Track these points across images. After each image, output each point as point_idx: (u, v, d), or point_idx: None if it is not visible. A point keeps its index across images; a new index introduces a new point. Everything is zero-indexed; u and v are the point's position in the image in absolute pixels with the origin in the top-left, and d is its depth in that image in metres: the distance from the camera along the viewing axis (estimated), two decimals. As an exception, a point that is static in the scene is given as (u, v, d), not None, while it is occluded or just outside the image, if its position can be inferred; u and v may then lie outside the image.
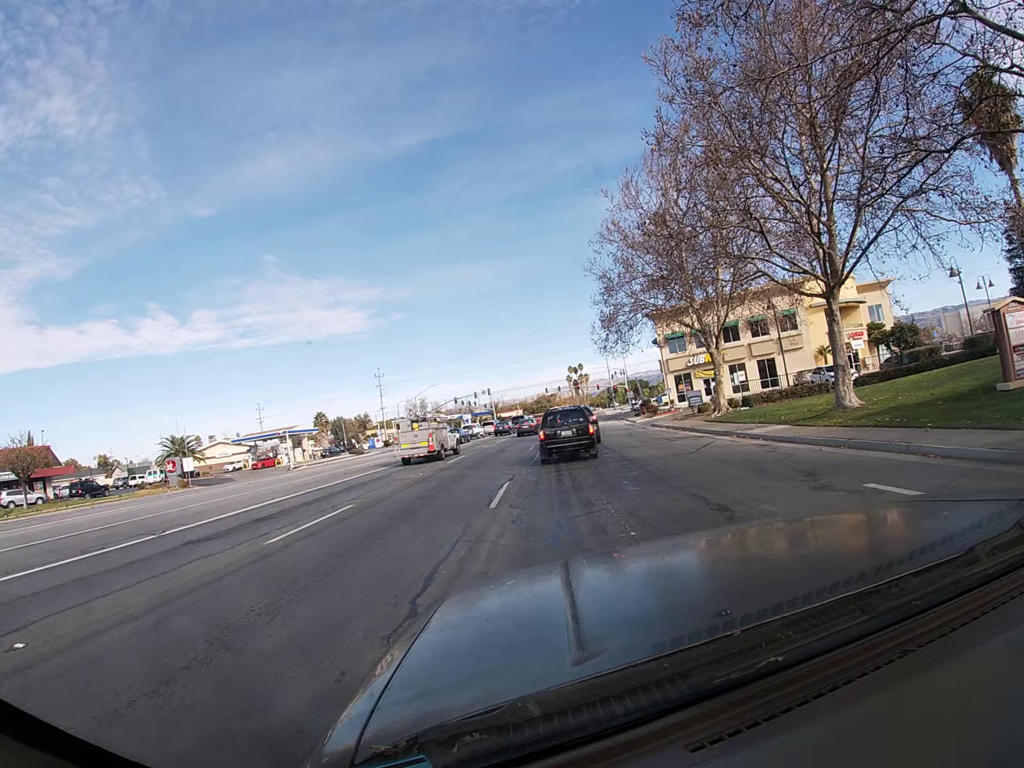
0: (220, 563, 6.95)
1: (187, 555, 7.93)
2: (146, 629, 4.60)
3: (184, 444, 52.82)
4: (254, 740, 2.48)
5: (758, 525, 2.88)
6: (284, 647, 3.68)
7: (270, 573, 6.18)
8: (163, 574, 6.71)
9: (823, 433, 11.88)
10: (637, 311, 28.68)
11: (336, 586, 5.19)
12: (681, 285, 25.67)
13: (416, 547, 6.33)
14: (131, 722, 2.82)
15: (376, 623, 3.83)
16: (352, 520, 9.44)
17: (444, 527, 7.26)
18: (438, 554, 5.69)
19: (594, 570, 1.71)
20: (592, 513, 6.95)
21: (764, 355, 41.16)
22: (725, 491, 7.07)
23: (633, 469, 11.16)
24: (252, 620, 4.36)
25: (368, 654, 3.20)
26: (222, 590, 5.63)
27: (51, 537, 14.70)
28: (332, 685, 2.90)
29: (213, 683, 3.22)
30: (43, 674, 3.81)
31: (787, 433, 13.26)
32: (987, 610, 0.89)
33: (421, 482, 14.92)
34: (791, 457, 9.72)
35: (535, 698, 0.72)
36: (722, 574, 1.52)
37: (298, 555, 7.06)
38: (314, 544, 7.65)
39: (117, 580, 6.73)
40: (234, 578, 6.09)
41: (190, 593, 5.62)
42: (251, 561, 6.94)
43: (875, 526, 1.77)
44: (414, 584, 4.67)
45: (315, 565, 6.14)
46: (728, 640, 0.80)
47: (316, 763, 0.78)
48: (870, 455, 8.48)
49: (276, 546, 7.82)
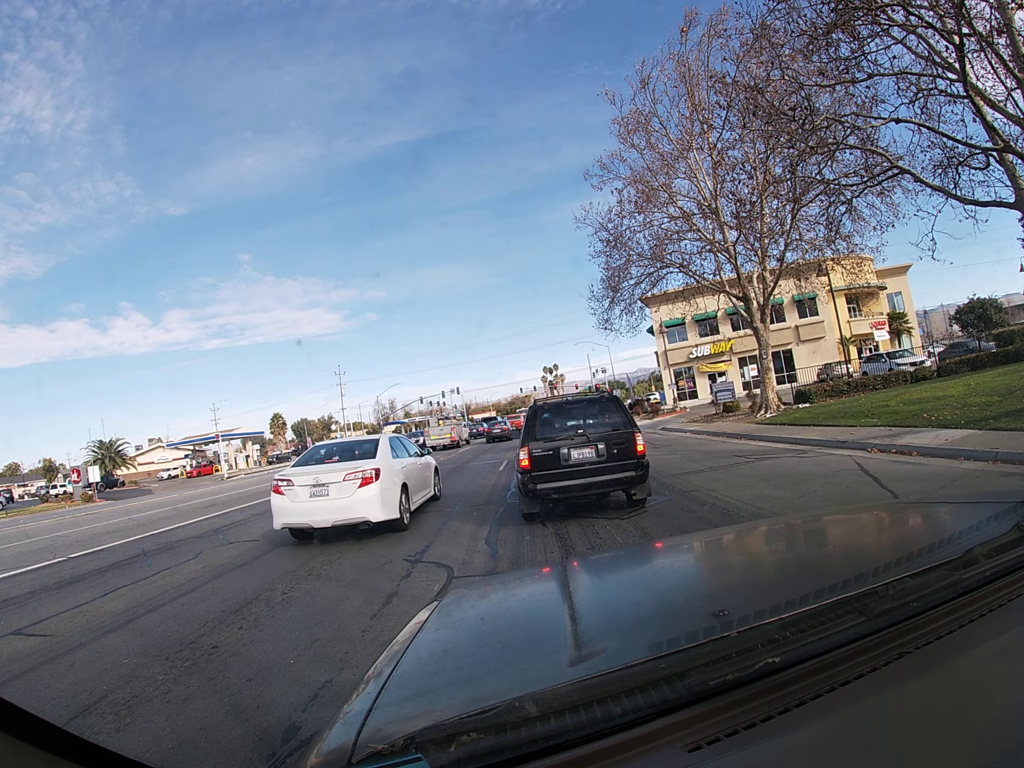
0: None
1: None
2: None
3: (113, 449, 48.30)
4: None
5: (757, 526, 2.87)
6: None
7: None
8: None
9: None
10: (656, 267, 21.67)
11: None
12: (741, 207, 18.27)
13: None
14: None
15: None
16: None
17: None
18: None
19: (592, 570, 1.72)
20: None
21: (780, 345, 33.81)
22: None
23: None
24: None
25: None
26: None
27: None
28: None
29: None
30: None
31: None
32: (985, 612, 0.89)
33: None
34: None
35: (532, 698, 0.72)
36: (720, 575, 1.52)
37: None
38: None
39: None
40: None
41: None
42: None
43: (873, 528, 1.77)
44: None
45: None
46: (725, 641, 0.80)
47: (313, 761, 0.78)
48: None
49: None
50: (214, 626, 4.39)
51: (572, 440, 6.80)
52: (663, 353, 40.84)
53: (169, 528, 11.88)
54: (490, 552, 5.93)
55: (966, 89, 9.68)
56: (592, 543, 5.80)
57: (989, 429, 8.64)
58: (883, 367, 25.91)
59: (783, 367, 35.35)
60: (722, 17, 17.73)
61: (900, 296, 38.52)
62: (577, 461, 6.73)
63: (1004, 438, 7.73)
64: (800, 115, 11.24)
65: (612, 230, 21.70)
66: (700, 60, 19.11)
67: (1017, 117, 10.32)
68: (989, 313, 32.87)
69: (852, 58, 10.74)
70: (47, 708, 3.21)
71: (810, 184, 14.41)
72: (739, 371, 38.34)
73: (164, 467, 62.61)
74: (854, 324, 36.37)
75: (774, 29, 11.74)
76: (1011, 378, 14.29)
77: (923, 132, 11.72)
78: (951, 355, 26.46)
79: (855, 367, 30.09)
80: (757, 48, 12.75)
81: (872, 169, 12.46)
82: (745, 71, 14.60)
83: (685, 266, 21.87)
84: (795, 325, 37.07)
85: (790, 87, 11.58)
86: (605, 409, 7.29)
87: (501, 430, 35.19)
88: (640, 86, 20.08)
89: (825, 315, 34.94)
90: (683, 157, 20.61)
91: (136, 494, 37.75)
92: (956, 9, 9.06)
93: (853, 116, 11.96)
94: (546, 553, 5.59)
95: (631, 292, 22.62)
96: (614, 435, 6.81)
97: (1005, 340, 24.42)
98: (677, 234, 21.46)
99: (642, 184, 20.75)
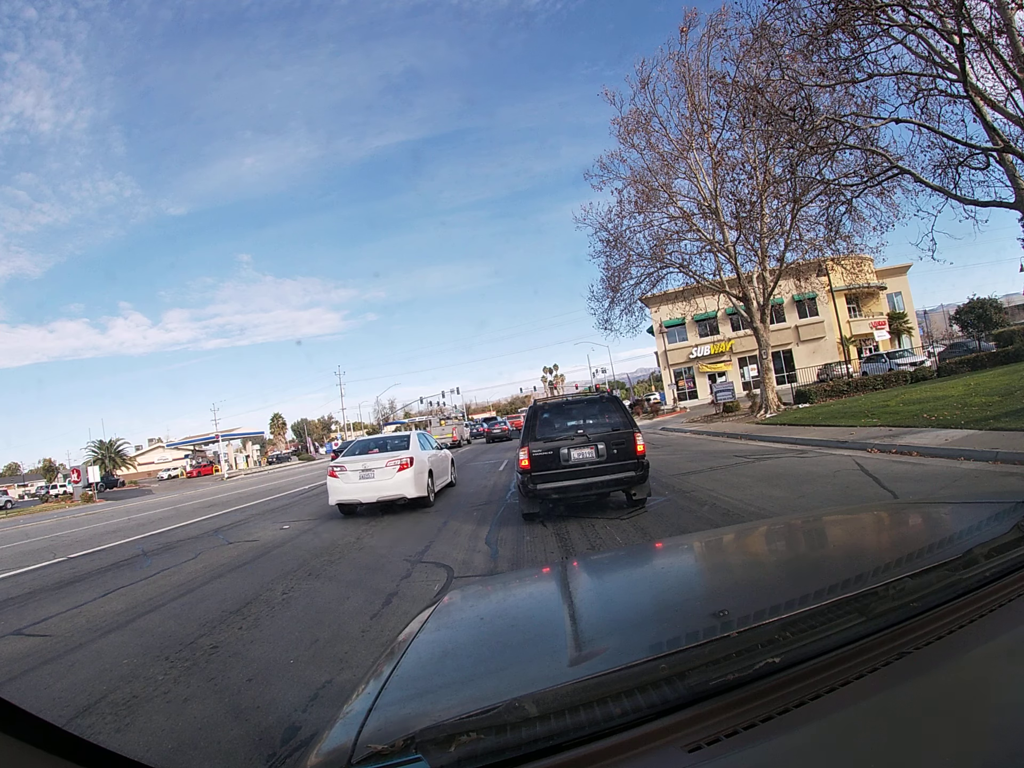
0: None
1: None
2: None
3: (113, 449, 48.29)
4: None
5: (757, 526, 2.87)
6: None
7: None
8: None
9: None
10: (656, 267, 21.70)
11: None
12: (740, 207, 18.43)
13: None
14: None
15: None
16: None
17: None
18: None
19: (592, 570, 1.72)
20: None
21: (780, 345, 33.87)
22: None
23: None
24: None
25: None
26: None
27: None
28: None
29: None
30: None
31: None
32: (985, 612, 0.89)
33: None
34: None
35: (532, 698, 0.72)
36: (720, 575, 1.51)
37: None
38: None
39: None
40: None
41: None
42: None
43: (873, 528, 1.77)
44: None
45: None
46: (725, 641, 0.80)
47: (313, 761, 0.78)
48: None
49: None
50: (214, 626, 4.39)
51: (572, 440, 6.80)
52: (663, 353, 40.81)
53: (169, 528, 11.85)
54: (490, 552, 5.92)
55: (966, 89, 9.69)
56: (592, 543, 5.77)
57: (989, 429, 8.62)
58: (883, 367, 25.89)
59: (783, 367, 35.36)
60: (722, 17, 17.84)
61: (900, 296, 38.48)
62: (577, 461, 6.73)
63: (1004, 438, 7.72)
64: (800, 115, 11.25)
65: (612, 230, 21.78)
66: (700, 60, 19.18)
67: (1017, 117, 10.32)
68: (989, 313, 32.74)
69: (852, 58, 10.74)
70: (47, 708, 3.21)
71: (810, 184, 14.42)
72: (739, 371, 38.31)
73: (164, 467, 62.10)
74: (854, 324, 36.35)
75: (774, 29, 11.73)
76: (1011, 378, 14.25)
77: (923, 132, 11.71)
78: (951, 355, 26.42)
79: (855, 367, 30.05)
80: (757, 48, 12.78)
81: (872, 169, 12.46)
82: (745, 71, 14.62)
83: (685, 266, 21.88)
84: (795, 325, 37.07)
85: (790, 87, 11.58)
86: (605, 409, 7.28)
87: (501, 430, 35.29)
88: (640, 86, 20.15)
89: (825, 315, 34.97)
90: (683, 157, 20.61)
91: (136, 494, 37.57)
92: (956, 9, 9.06)
93: (853, 116, 11.94)
94: (546, 553, 5.57)
95: (631, 292, 22.70)
96: (614, 435, 6.80)
97: (1005, 340, 24.33)
98: (677, 234, 21.48)
99: (642, 184, 20.77)
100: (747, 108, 12.76)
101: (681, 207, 21.19)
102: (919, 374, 21.28)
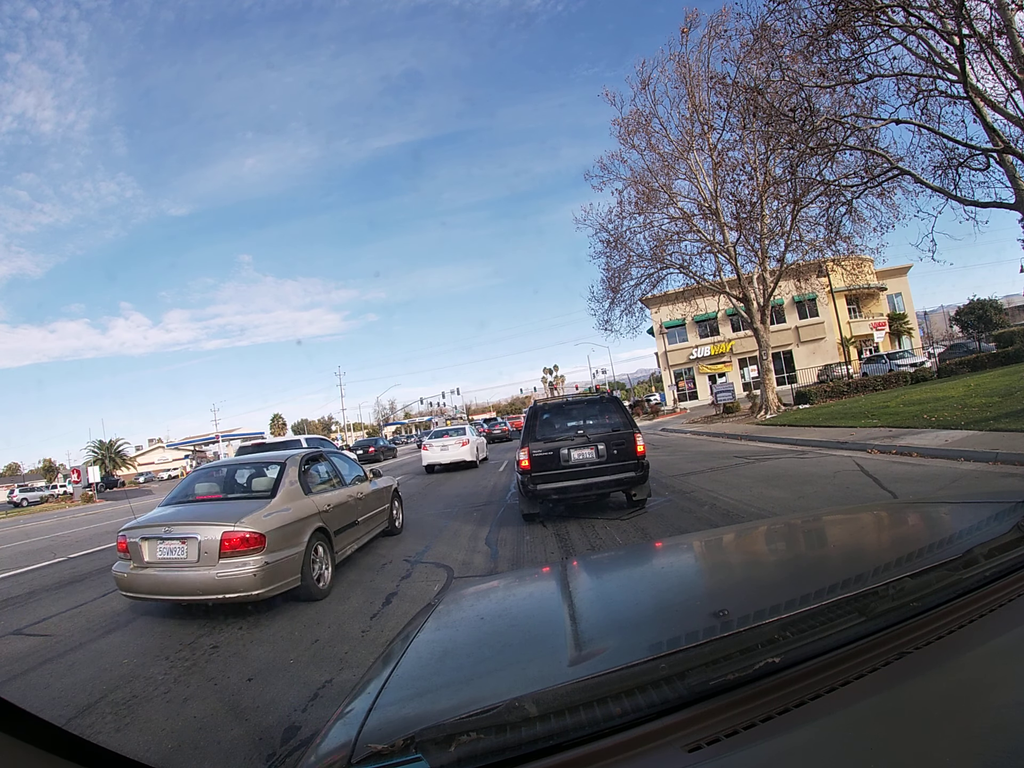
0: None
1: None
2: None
3: (113, 449, 48.04)
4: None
5: (757, 526, 2.87)
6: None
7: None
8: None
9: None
10: (657, 267, 21.60)
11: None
12: (740, 207, 18.25)
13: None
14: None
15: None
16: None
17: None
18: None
19: (592, 570, 1.71)
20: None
21: (780, 346, 33.66)
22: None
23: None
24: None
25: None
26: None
27: None
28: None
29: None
30: None
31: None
32: (985, 612, 0.88)
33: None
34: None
35: (532, 698, 0.72)
36: (720, 575, 1.51)
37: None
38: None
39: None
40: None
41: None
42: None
43: (873, 528, 1.77)
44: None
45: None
46: (726, 641, 0.80)
47: (313, 761, 0.78)
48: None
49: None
50: (214, 626, 4.38)
51: (572, 441, 6.77)
52: (663, 354, 40.74)
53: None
54: (490, 552, 5.93)
55: (966, 90, 9.68)
56: (592, 543, 5.77)
57: (989, 430, 8.63)
58: (883, 368, 25.84)
59: (783, 368, 35.28)
60: (722, 18, 17.78)
61: (900, 297, 38.43)
62: (577, 462, 6.70)
63: (1004, 439, 7.72)
64: (800, 116, 11.23)
65: (612, 231, 21.72)
66: (700, 61, 19.12)
67: (1017, 118, 10.30)
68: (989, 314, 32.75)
69: (852, 59, 10.71)
70: (47, 708, 3.20)
71: (810, 185, 14.33)
72: (739, 372, 38.24)
73: (164, 467, 62.05)
74: (854, 325, 36.31)
75: (774, 30, 11.74)
76: (1011, 379, 14.26)
77: (923, 133, 11.68)
78: (951, 356, 26.41)
79: (855, 368, 29.94)
80: (757, 49, 12.75)
81: (872, 170, 12.41)
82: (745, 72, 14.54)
83: (685, 267, 21.82)
84: (795, 326, 37.00)
85: (790, 88, 11.56)
86: (605, 410, 7.24)
87: (501, 431, 34.80)
88: (640, 87, 20.11)
89: (825, 316, 34.92)
90: (683, 158, 20.59)
91: (136, 494, 37.12)
92: (956, 10, 9.05)
93: (853, 117, 11.92)
94: (546, 553, 5.57)
95: (631, 293, 22.61)
96: (614, 436, 6.77)
97: (1005, 341, 24.16)
98: (677, 235, 21.42)
99: (642, 185, 20.73)
100: (747, 109, 12.74)
101: (681, 208, 21.17)
102: (919, 375, 21.34)
